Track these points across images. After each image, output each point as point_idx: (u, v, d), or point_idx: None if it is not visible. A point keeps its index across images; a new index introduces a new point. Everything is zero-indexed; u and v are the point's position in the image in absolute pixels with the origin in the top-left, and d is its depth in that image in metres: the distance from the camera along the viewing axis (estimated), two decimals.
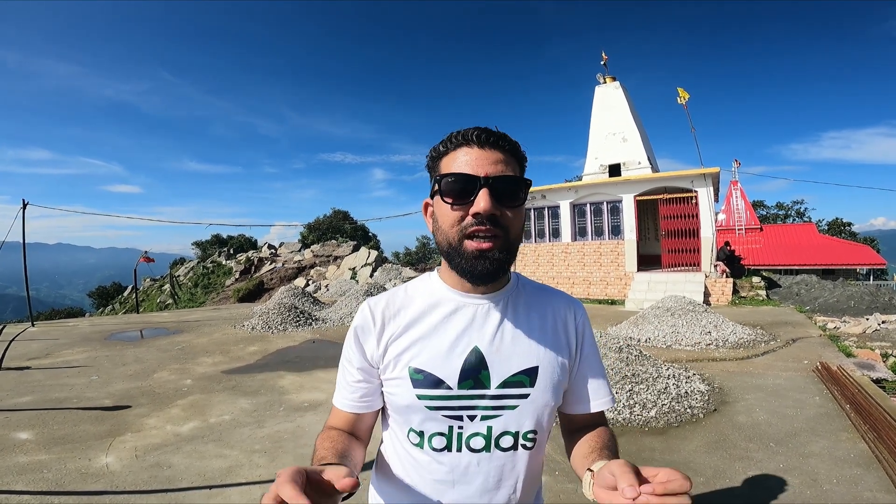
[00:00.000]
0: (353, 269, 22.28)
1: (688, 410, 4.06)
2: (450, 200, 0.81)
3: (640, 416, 3.93)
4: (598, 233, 14.22)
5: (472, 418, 0.85)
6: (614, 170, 14.84)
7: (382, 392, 0.92)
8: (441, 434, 0.86)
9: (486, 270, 0.81)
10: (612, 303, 12.69)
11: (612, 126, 15.24)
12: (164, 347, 7.63)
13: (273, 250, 28.53)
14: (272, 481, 0.59)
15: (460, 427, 0.86)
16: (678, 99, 14.66)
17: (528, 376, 0.87)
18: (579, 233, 14.58)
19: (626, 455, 3.33)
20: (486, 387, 0.85)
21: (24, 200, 11.43)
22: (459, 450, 0.86)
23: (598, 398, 0.95)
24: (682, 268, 12.96)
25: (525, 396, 0.86)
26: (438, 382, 0.85)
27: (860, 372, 4.96)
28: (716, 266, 12.30)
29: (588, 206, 14.38)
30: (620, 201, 13.74)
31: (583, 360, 0.95)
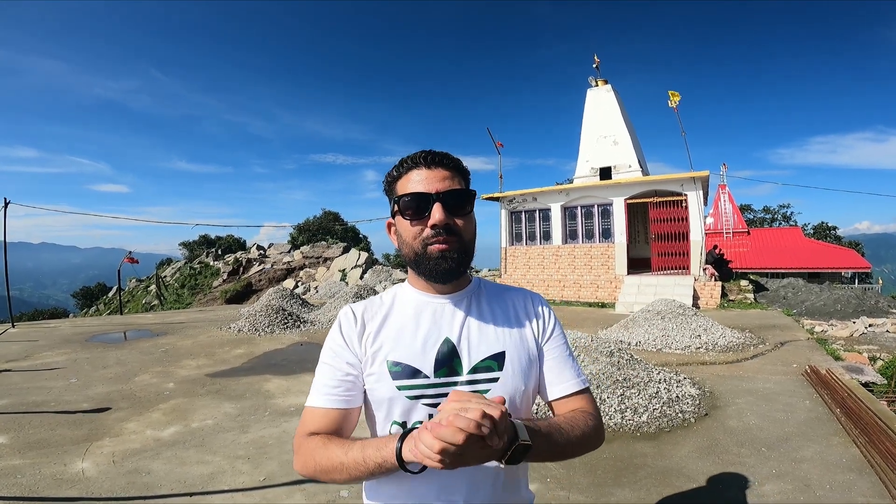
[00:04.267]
0: (343, 270, 22.12)
1: (679, 415, 4.03)
2: (409, 217, 0.94)
3: (631, 421, 3.88)
4: (589, 236, 14.25)
5: None
6: (605, 173, 14.89)
7: (365, 389, 0.97)
8: (422, 422, 0.88)
9: (448, 269, 0.93)
10: (603, 306, 12.71)
11: (604, 129, 15.30)
12: (147, 350, 7.46)
13: (262, 251, 28.24)
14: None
15: None
16: (669, 102, 14.77)
17: (495, 361, 0.95)
18: (570, 236, 14.60)
19: (618, 460, 3.29)
20: (459, 373, 0.94)
21: (5, 199, 11.15)
22: None
23: (566, 381, 1.01)
24: (672, 271, 13.02)
25: (495, 380, 0.94)
26: (416, 372, 0.93)
27: (849, 375, 4.98)
28: (705, 269, 12.37)
29: (579, 208, 14.41)
30: (611, 204, 13.79)
31: (549, 347, 1.03)
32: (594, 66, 16.09)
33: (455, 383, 0.93)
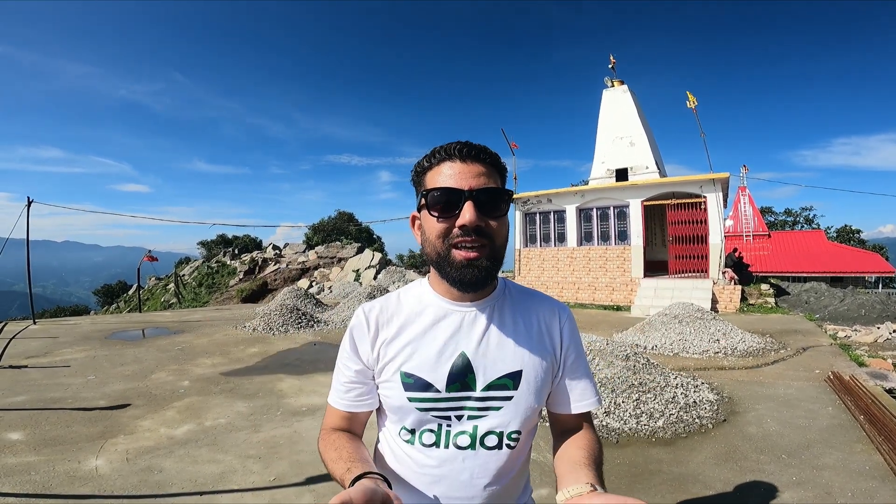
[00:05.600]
0: (357, 270, 22.23)
1: (696, 420, 3.95)
2: (436, 213, 0.86)
3: (647, 427, 3.82)
4: (605, 238, 14.08)
5: (459, 418, 0.91)
6: (621, 174, 14.71)
7: (378, 393, 0.98)
8: (431, 431, 0.91)
9: (475, 278, 0.87)
10: (618, 309, 12.54)
11: (620, 130, 15.11)
12: (164, 347, 7.57)
13: (277, 251, 28.55)
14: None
15: (448, 426, 0.91)
16: (687, 103, 14.52)
17: (511, 380, 0.92)
18: (585, 237, 14.45)
19: (632, 466, 3.23)
20: (473, 389, 0.91)
21: (28, 198, 11.46)
22: (447, 446, 0.90)
23: (583, 399, 0.99)
24: (690, 274, 12.79)
25: (509, 398, 0.91)
26: (428, 386, 0.90)
27: (873, 382, 4.82)
28: (724, 273, 12.12)
29: (594, 210, 14.25)
30: (627, 206, 13.60)
31: (569, 363, 1.00)
32: (610, 66, 15.92)
33: (468, 398, 0.91)
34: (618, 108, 15.35)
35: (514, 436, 0.92)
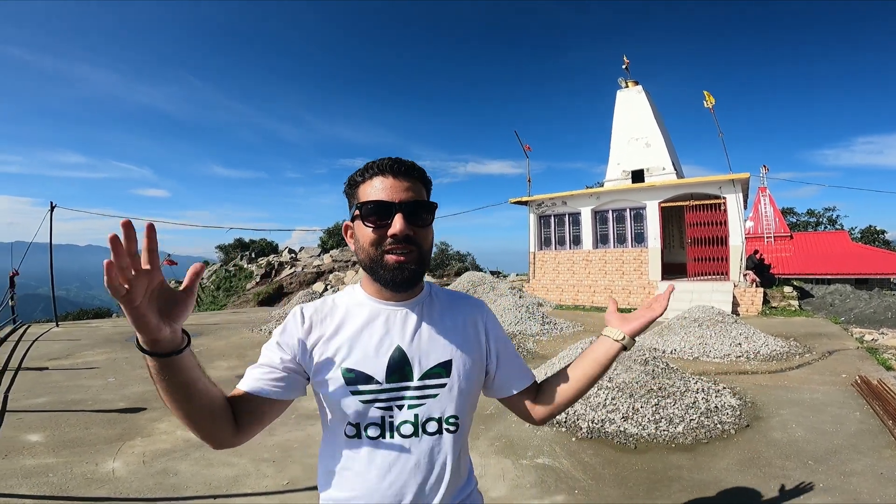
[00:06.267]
0: None
1: (718, 426, 3.86)
2: (370, 224, 0.95)
3: (666, 432, 3.74)
4: (621, 240, 13.89)
5: (399, 407, 0.97)
6: (637, 176, 14.51)
7: (317, 395, 1.01)
8: (375, 424, 0.96)
9: (405, 279, 0.96)
10: None
11: (635, 131, 14.92)
12: None
13: (293, 255, 28.83)
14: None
15: (391, 417, 0.97)
16: (705, 102, 14.26)
17: (444, 368, 1.00)
18: (601, 240, 14.27)
19: (651, 472, 3.15)
20: (410, 379, 0.98)
21: (51, 203, 11.76)
22: (392, 437, 0.96)
23: (523, 379, 1.13)
24: (710, 277, 12.53)
25: (443, 385, 0.99)
26: (369, 378, 0.96)
27: None
28: (745, 275, 11.85)
29: (610, 212, 14.07)
30: (644, 208, 13.41)
31: (499, 352, 1.11)
32: (623, 66, 15.74)
33: (407, 387, 0.98)
34: (632, 108, 15.16)
35: (451, 420, 1.00)
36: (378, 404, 0.96)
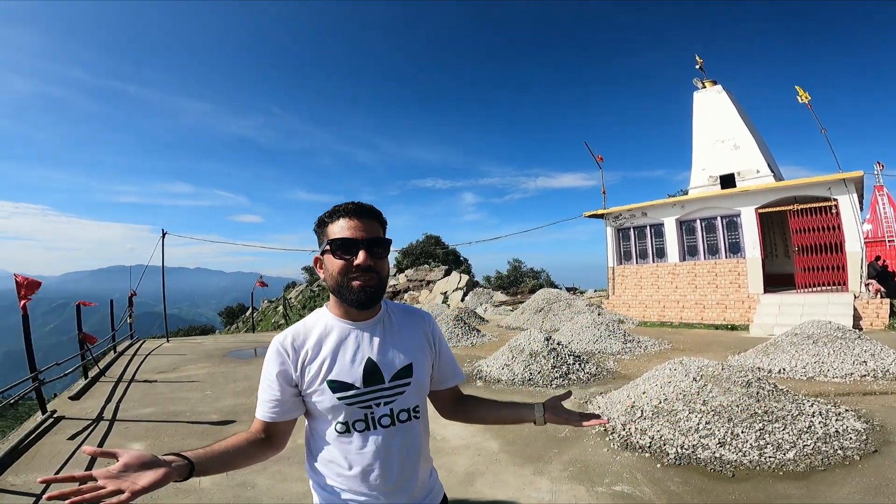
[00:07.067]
0: (445, 293, 22.46)
1: (838, 452, 3.43)
2: (339, 257, 1.17)
3: (772, 459, 3.38)
4: (713, 251, 12.76)
5: (378, 405, 1.20)
6: (727, 181, 13.33)
7: (304, 403, 1.22)
8: (360, 420, 1.19)
9: (367, 298, 1.18)
10: (733, 328, 11.19)
11: (720, 133, 13.79)
12: None
13: None
14: None
15: (372, 413, 1.20)
16: (798, 98, 12.82)
17: (407, 370, 1.24)
18: (689, 252, 13.22)
19: (753, 502, 2.78)
20: (383, 382, 1.21)
21: (162, 230, 13.20)
22: (375, 428, 1.19)
23: (455, 377, 1.41)
24: (823, 288, 11.08)
25: (408, 384, 1.24)
26: (350, 386, 1.18)
27: None
28: (867, 285, 10.32)
29: (698, 221, 13.01)
30: (738, 215, 12.23)
31: (441, 354, 1.37)
32: (697, 66, 14.71)
33: (381, 389, 1.20)
34: (713, 109, 14.08)
35: (416, 409, 1.25)
36: (360, 405, 1.18)
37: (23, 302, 4.97)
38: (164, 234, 13.21)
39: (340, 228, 1.17)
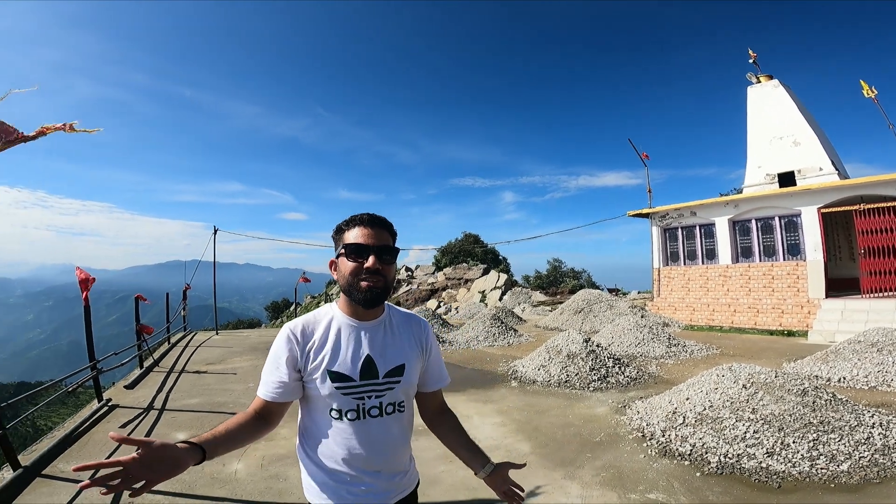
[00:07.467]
0: (483, 292, 22.34)
1: None
2: (352, 260, 1.31)
3: (824, 471, 3.21)
4: (769, 253, 12.02)
5: (369, 397, 1.33)
6: (786, 179, 12.52)
7: (304, 387, 1.34)
8: (353, 410, 1.31)
9: (373, 298, 1.32)
10: (790, 334, 10.50)
11: (777, 129, 12.97)
12: None
13: (409, 272, 30.17)
14: None
15: (363, 403, 1.32)
16: (864, 92, 11.88)
17: (399, 370, 1.37)
18: (742, 253, 12.51)
19: None
20: (377, 377, 1.34)
21: (214, 227, 13.84)
22: (365, 417, 1.32)
23: (440, 381, 1.54)
24: (891, 293, 10.21)
25: (398, 382, 1.37)
26: (347, 377, 1.31)
27: None
28: None
29: (753, 222, 12.29)
30: (798, 215, 11.47)
31: (431, 359, 1.50)
32: (750, 60, 13.88)
33: (374, 383, 1.34)
34: (770, 105, 13.25)
35: (402, 404, 1.39)
36: (354, 395, 1.31)
37: (84, 293, 5.31)
38: (215, 231, 13.84)
39: (355, 235, 1.32)
